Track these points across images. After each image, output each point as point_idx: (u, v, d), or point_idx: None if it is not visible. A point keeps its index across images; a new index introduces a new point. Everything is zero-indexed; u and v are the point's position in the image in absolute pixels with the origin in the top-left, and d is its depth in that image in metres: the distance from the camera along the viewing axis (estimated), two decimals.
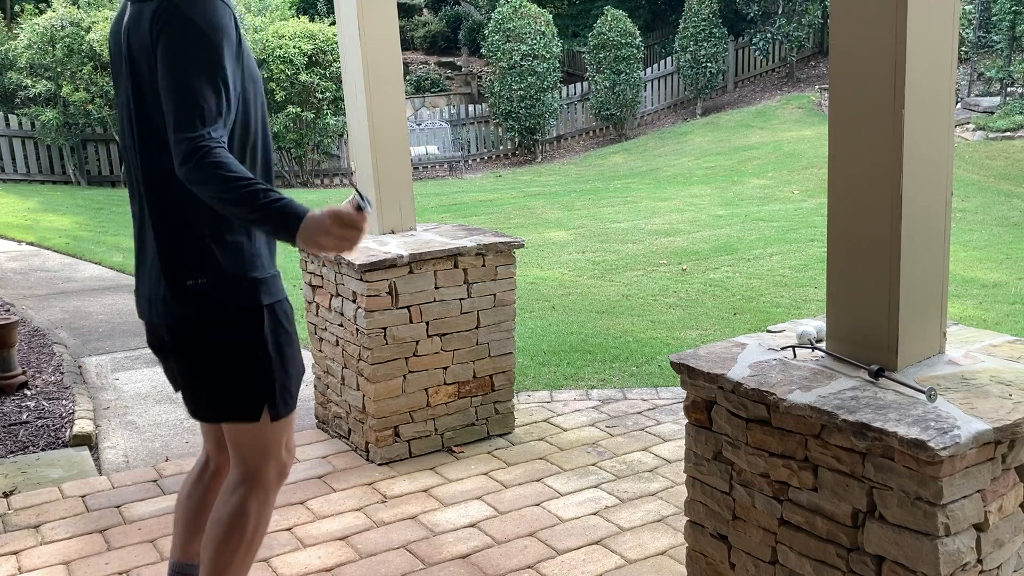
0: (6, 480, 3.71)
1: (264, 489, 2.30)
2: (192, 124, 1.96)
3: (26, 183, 14.30)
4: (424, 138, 17.17)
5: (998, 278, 7.23)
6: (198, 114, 1.97)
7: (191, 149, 1.95)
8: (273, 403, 2.24)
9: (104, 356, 5.45)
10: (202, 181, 1.97)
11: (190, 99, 1.98)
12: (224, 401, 2.24)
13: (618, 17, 18.14)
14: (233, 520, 2.27)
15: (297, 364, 2.32)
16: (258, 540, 2.33)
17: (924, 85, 2.02)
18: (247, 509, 2.27)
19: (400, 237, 3.94)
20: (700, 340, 5.62)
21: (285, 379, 2.26)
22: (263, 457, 2.29)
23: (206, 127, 1.97)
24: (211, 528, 2.30)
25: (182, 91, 1.98)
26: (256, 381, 2.22)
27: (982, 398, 1.96)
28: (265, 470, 2.29)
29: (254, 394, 2.22)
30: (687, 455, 2.39)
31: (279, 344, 2.24)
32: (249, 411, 2.23)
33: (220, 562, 2.28)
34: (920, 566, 1.85)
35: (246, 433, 2.26)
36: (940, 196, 2.13)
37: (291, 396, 2.30)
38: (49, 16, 13.94)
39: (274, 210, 1.96)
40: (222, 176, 1.95)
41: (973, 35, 15.42)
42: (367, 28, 3.80)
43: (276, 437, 2.29)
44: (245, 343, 2.19)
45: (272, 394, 2.23)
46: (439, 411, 3.88)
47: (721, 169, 14.04)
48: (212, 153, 1.95)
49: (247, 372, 2.21)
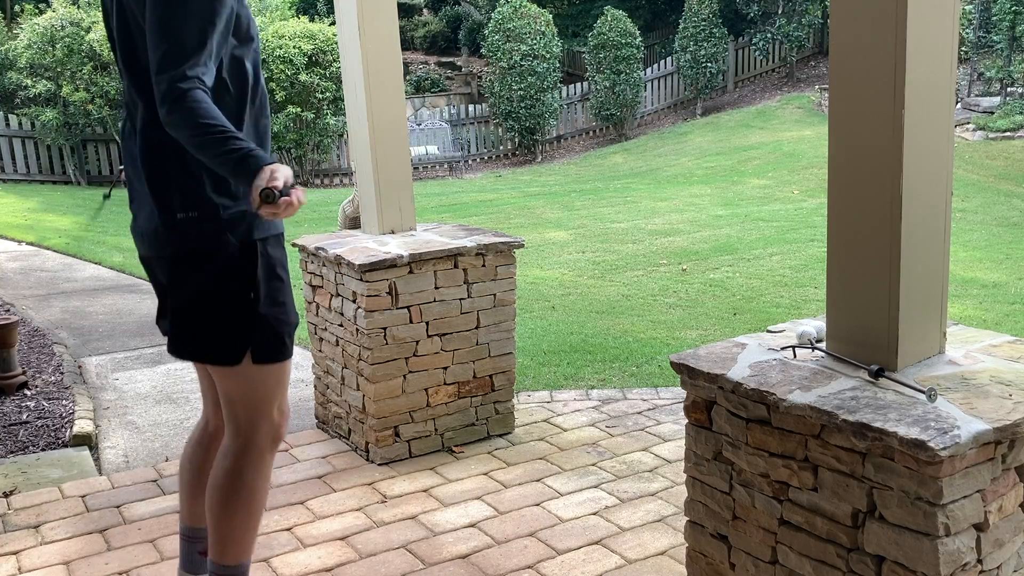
0: (6, 480, 3.71)
1: (258, 451, 2.30)
2: (171, 63, 2.00)
3: (26, 183, 14.31)
4: (424, 138, 17.17)
5: (998, 278, 7.23)
6: (179, 54, 2.01)
7: (168, 89, 2.00)
8: (259, 344, 2.22)
9: (104, 356, 5.45)
10: (176, 123, 2.01)
11: (171, 40, 2.02)
12: (207, 338, 2.23)
13: (618, 17, 18.15)
14: (228, 485, 2.28)
15: (289, 310, 2.30)
16: (258, 503, 2.33)
17: (924, 85, 2.02)
18: (242, 472, 2.28)
19: (400, 237, 3.94)
20: (700, 340, 5.63)
21: (272, 321, 2.25)
22: (255, 413, 2.28)
23: (184, 66, 2.00)
24: (209, 494, 2.31)
25: (164, 33, 2.03)
26: (240, 321, 2.21)
27: (982, 398, 1.96)
28: (257, 430, 2.29)
29: (236, 333, 2.21)
30: (687, 455, 2.39)
31: (270, 285, 2.24)
32: (230, 352, 2.22)
33: (223, 527, 2.30)
34: (920, 566, 1.85)
35: (233, 382, 2.24)
36: (940, 196, 2.13)
37: (281, 342, 2.28)
38: (49, 16, 13.95)
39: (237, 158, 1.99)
40: (194, 120, 1.99)
41: (973, 35, 15.42)
42: (367, 28, 3.80)
43: (266, 391, 2.28)
44: (234, 277, 2.19)
45: (256, 337, 2.22)
46: (439, 411, 3.88)
47: (721, 169, 14.04)
48: (188, 96, 1.99)
49: (234, 308, 2.20)
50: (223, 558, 2.34)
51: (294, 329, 2.34)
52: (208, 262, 2.19)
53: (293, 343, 2.35)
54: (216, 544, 2.33)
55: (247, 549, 2.37)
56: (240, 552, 2.35)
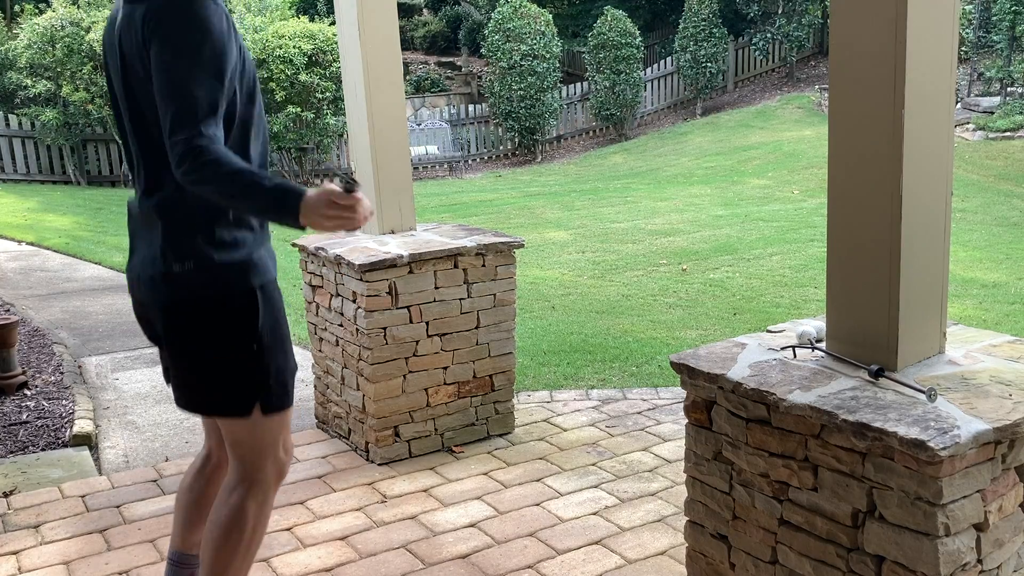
0: (6, 480, 3.71)
1: (262, 490, 2.30)
2: (186, 125, 1.98)
3: (26, 183, 14.30)
4: (424, 138, 17.16)
5: (998, 278, 7.23)
6: (192, 114, 1.99)
7: (186, 150, 1.97)
8: (266, 395, 2.22)
9: (104, 356, 5.45)
10: (200, 181, 1.99)
11: (183, 100, 2.00)
12: (215, 393, 2.23)
13: (618, 17, 18.14)
14: (231, 522, 2.27)
15: (290, 356, 2.30)
16: (257, 540, 2.32)
17: (924, 85, 2.02)
18: (245, 510, 2.27)
19: (400, 237, 3.94)
20: (700, 340, 5.63)
21: (279, 370, 2.24)
22: (260, 456, 2.28)
23: (199, 125, 1.99)
24: (210, 529, 2.30)
25: (175, 93, 2.00)
26: (247, 373, 2.20)
27: (982, 398, 1.96)
28: (263, 470, 2.29)
29: (246, 386, 2.21)
30: (687, 455, 2.39)
31: (275, 332, 2.23)
32: (241, 405, 2.21)
33: (220, 563, 2.28)
34: (920, 566, 1.85)
35: (241, 430, 2.25)
36: (940, 196, 2.13)
37: (285, 390, 2.28)
38: (49, 16, 13.94)
39: (274, 198, 1.99)
40: (220, 174, 1.98)
41: (973, 35, 15.42)
42: (367, 28, 3.80)
43: (272, 435, 2.28)
44: (238, 331, 2.18)
45: (265, 386, 2.22)
46: (439, 411, 3.88)
47: (721, 169, 14.04)
48: (207, 151, 1.97)
49: (238, 364, 2.19)
50: None
51: (295, 373, 2.33)
52: (205, 314, 2.16)
53: (294, 387, 2.34)
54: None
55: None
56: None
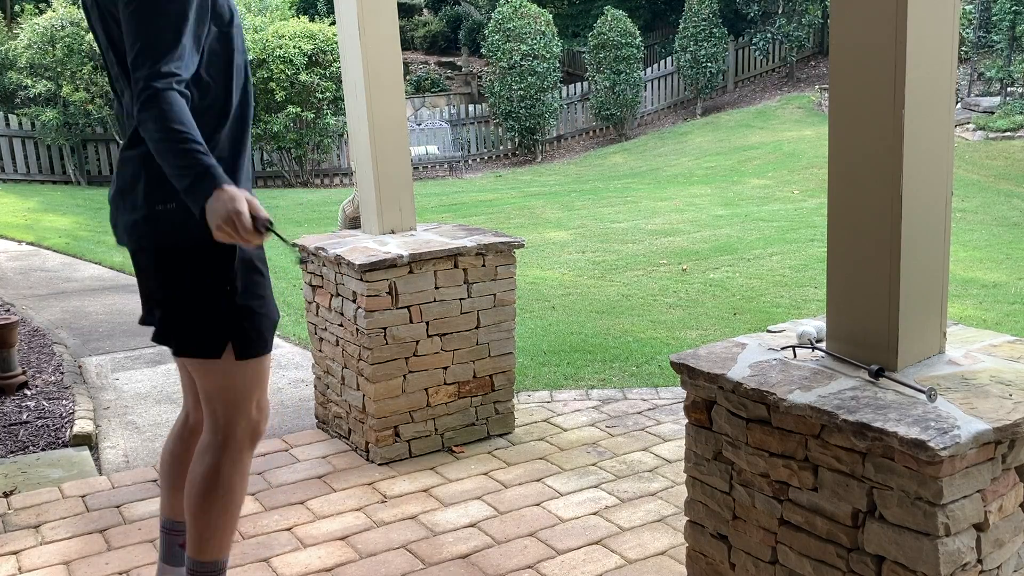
0: (6, 480, 3.71)
1: (236, 448, 2.30)
2: (145, 62, 2.00)
3: (26, 183, 14.31)
4: (424, 138, 17.17)
5: (998, 278, 7.23)
6: (152, 50, 2.01)
7: (143, 88, 1.99)
8: (239, 338, 2.22)
9: (104, 356, 5.45)
10: (145, 122, 2.00)
11: (145, 39, 2.02)
12: (188, 331, 2.23)
13: (618, 17, 18.15)
14: (206, 481, 2.28)
15: (269, 305, 2.30)
16: (236, 500, 2.33)
17: (924, 85, 2.02)
18: (219, 470, 2.28)
19: (400, 237, 3.94)
20: (700, 340, 5.63)
21: (253, 315, 2.25)
22: (233, 411, 2.28)
23: (159, 63, 2.00)
24: (188, 489, 2.32)
25: (138, 30, 2.02)
26: (220, 313, 2.21)
27: (982, 398, 1.96)
28: (235, 427, 2.29)
29: (218, 326, 2.21)
30: (687, 455, 2.39)
31: (250, 278, 2.24)
32: (212, 345, 2.22)
33: (200, 523, 2.30)
34: (920, 566, 1.85)
35: (214, 377, 2.25)
36: (940, 196, 2.13)
37: (260, 336, 2.27)
38: (49, 16, 13.95)
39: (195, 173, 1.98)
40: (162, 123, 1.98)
41: (973, 35, 15.42)
42: (367, 28, 3.80)
43: (245, 388, 2.28)
44: (212, 270, 2.19)
45: (238, 328, 2.22)
46: (439, 411, 3.88)
47: (721, 169, 14.04)
48: (160, 96, 1.98)
49: (211, 301, 2.20)
50: (201, 554, 2.34)
51: (274, 325, 2.33)
52: (185, 255, 2.19)
53: (273, 339, 2.34)
54: (194, 540, 2.33)
55: (225, 545, 2.37)
56: (218, 548, 2.35)
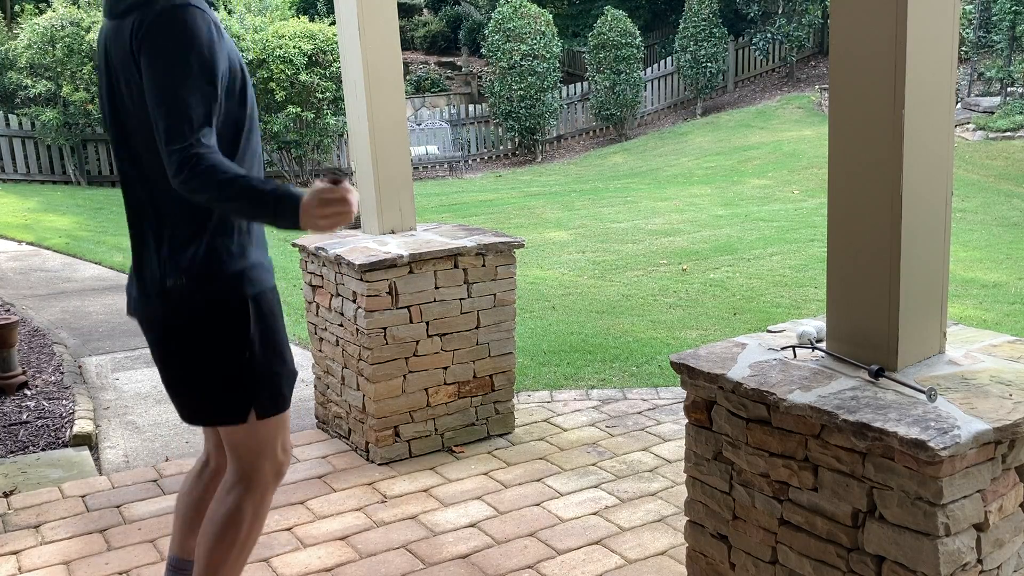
0: (6, 480, 3.71)
1: (260, 489, 2.30)
2: (181, 135, 2.00)
3: (26, 183, 14.30)
4: (424, 138, 17.16)
5: (998, 278, 7.23)
6: (186, 124, 2.00)
7: (182, 159, 1.99)
8: (260, 402, 2.23)
9: (104, 356, 5.45)
10: (198, 188, 2.00)
11: (177, 111, 2.01)
12: (210, 404, 2.24)
13: (618, 17, 18.14)
14: (228, 520, 2.27)
15: (287, 361, 2.30)
16: (252, 540, 2.33)
17: (924, 85, 2.02)
18: (243, 509, 2.28)
19: (400, 237, 3.94)
20: (700, 340, 5.62)
21: (273, 376, 2.25)
22: (258, 457, 2.29)
23: (195, 135, 2.00)
24: (206, 526, 2.31)
25: (168, 103, 2.01)
26: (241, 380, 2.21)
27: (982, 398, 1.96)
28: (260, 470, 2.29)
29: (239, 394, 2.21)
30: (687, 455, 2.39)
31: (266, 339, 2.23)
32: (235, 412, 2.22)
33: (214, 560, 2.29)
34: (920, 566, 1.85)
35: (239, 433, 2.25)
36: (940, 196, 2.13)
37: (280, 395, 2.28)
38: (49, 16, 13.94)
39: (272, 202, 1.99)
40: (217, 180, 1.98)
41: (973, 35, 15.41)
42: (367, 28, 3.80)
43: (270, 437, 2.29)
44: (230, 342, 2.18)
45: (258, 393, 2.22)
46: (439, 411, 3.88)
47: (721, 169, 14.04)
48: (203, 159, 1.99)
49: (232, 371, 2.20)
50: None
51: (294, 380, 2.33)
52: (199, 328, 2.17)
53: (292, 392, 2.34)
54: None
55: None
56: None
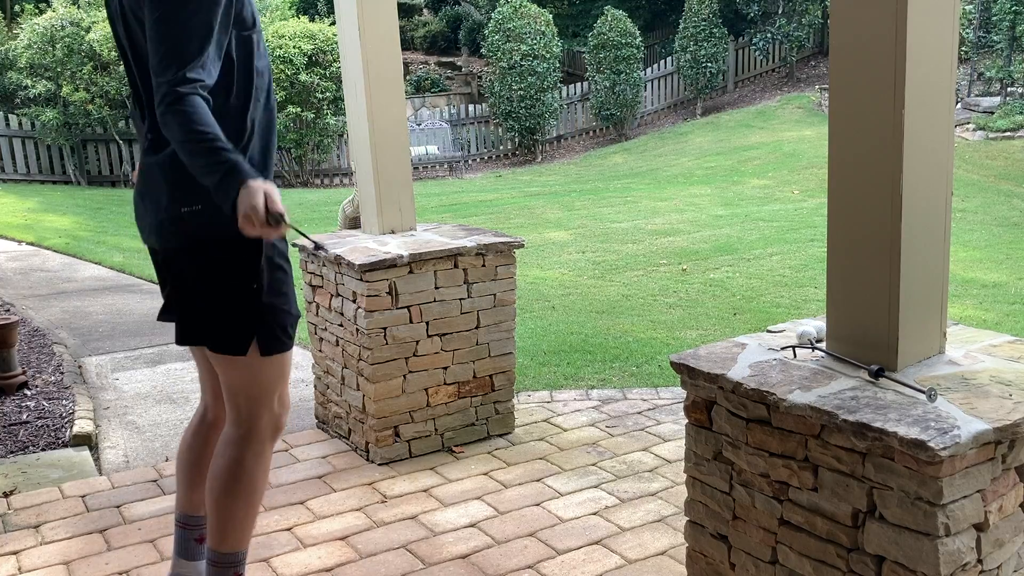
0: (6, 480, 3.71)
1: (259, 440, 2.33)
2: (169, 68, 2.03)
3: (26, 183, 14.31)
4: (424, 138, 17.17)
5: (998, 278, 7.23)
6: (176, 57, 2.04)
7: (166, 92, 2.03)
8: (264, 334, 2.26)
9: (104, 356, 5.45)
10: (169, 126, 2.04)
11: (169, 43, 2.05)
12: (213, 329, 2.26)
13: (618, 17, 18.15)
14: (229, 473, 2.31)
15: (292, 302, 2.34)
16: (258, 492, 2.36)
17: (924, 85, 2.02)
18: (243, 461, 2.31)
19: (400, 237, 3.94)
20: (700, 340, 5.62)
21: (277, 312, 2.28)
22: (257, 405, 2.31)
23: (183, 69, 2.03)
24: (210, 482, 2.35)
25: (162, 37, 2.05)
26: (246, 311, 2.24)
27: (982, 398, 1.96)
28: (259, 420, 2.32)
29: (244, 323, 2.24)
30: (687, 455, 2.39)
31: (273, 275, 2.27)
32: (238, 341, 2.25)
33: (222, 515, 2.33)
34: (920, 566, 1.85)
35: (238, 372, 2.28)
36: (940, 196, 2.13)
37: (284, 333, 2.31)
38: (49, 16, 13.95)
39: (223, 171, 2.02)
40: (186, 125, 2.01)
41: (973, 35, 15.42)
42: (367, 28, 3.80)
43: (268, 383, 2.31)
44: (239, 270, 2.23)
45: (262, 325, 2.25)
46: (439, 411, 3.88)
47: (721, 169, 14.04)
48: (183, 100, 2.02)
49: (238, 298, 2.24)
50: (222, 545, 2.38)
51: (296, 321, 2.38)
52: (212, 254, 2.22)
53: (295, 335, 2.38)
54: (215, 531, 2.36)
55: (245, 537, 2.40)
56: (238, 540, 2.39)
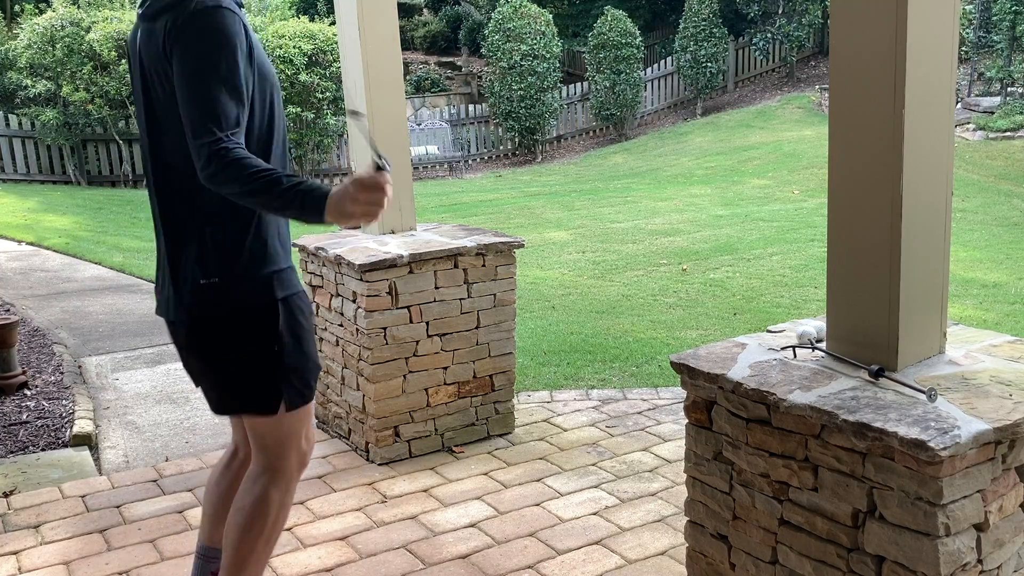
0: (6, 480, 3.71)
1: (285, 478, 2.36)
2: (210, 130, 2.03)
3: (26, 183, 14.30)
4: (424, 138, 17.16)
5: (998, 278, 7.23)
6: (215, 120, 2.04)
7: (210, 153, 2.02)
8: (289, 395, 2.29)
9: (104, 356, 5.45)
10: (225, 181, 2.04)
11: (207, 107, 2.04)
12: (240, 396, 2.29)
13: (618, 17, 18.14)
14: (255, 509, 2.33)
15: (313, 355, 2.37)
16: (279, 528, 2.39)
17: (924, 85, 2.02)
18: (268, 498, 2.33)
19: (400, 237, 3.94)
20: (700, 340, 5.62)
21: (300, 370, 2.31)
22: (283, 447, 2.35)
23: (224, 131, 2.04)
24: (233, 516, 2.36)
25: (199, 99, 2.05)
26: (270, 375, 2.26)
27: (982, 398, 1.96)
28: (286, 460, 2.35)
29: (269, 388, 2.27)
30: (687, 455, 2.39)
31: (295, 336, 2.29)
32: (264, 404, 2.28)
33: (242, 549, 2.34)
34: (920, 566, 1.85)
35: (265, 425, 2.31)
36: (940, 196, 2.13)
37: (307, 387, 2.35)
38: (49, 16, 13.94)
39: (298, 193, 2.02)
40: (244, 173, 2.02)
41: (973, 35, 15.42)
42: (367, 28, 3.80)
43: (294, 428, 2.35)
44: (260, 338, 2.24)
45: (287, 387, 2.28)
46: (439, 411, 3.88)
47: (721, 169, 14.04)
48: (231, 153, 2.03)
49: (261, 366, 2.25)
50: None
51: (318, 371, 2.40)
52: (230, 325, 2.22)
53: (316, 384, 2.41)
54: (230, 566, 2.37)
55: (259, 572, 2.41)
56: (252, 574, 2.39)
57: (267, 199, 2.04)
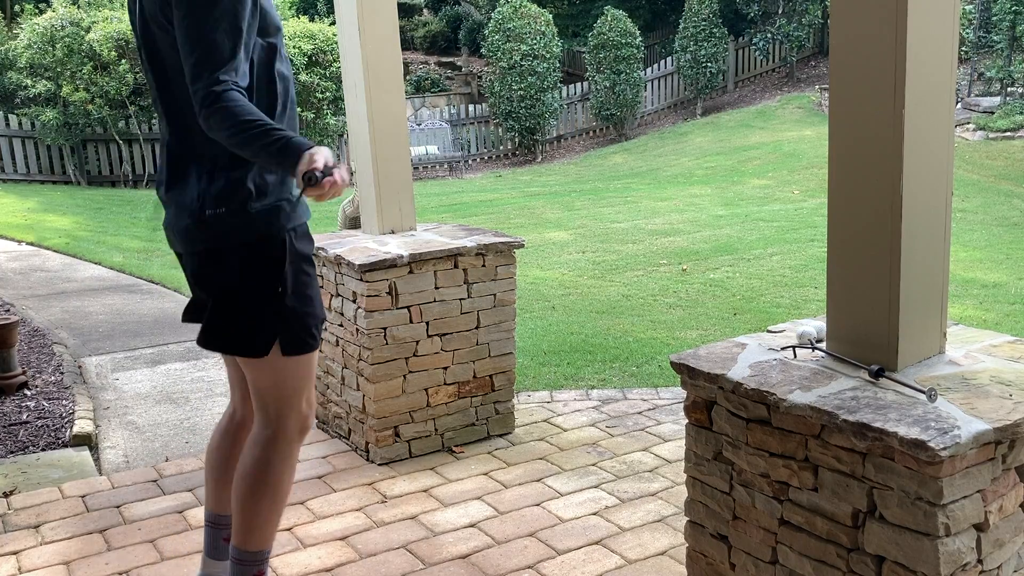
0: (6, 480, 3.71)
1: (286, 440, 2.36)
2: (205, 72, 2.08)
3: (26, 183, 14.30)
4: (424, 138, 17.17)
5: (998, 278, 7.23)
6: (211, 61, 2.09)
7: (205, 96, 2.07)
8: (286, 336, 2.29)
9: (104, 356, 5.45)
10: (215, 126, 2.08)
11: (202, 49, 2.09)
12: (236, 332, 2.29)
13: (618, 17, 18.15)
14: (257, 473, 2.34)
15: (317, 302, 2.37)
16: (283, 492, 2.39)
17: (924, 85, 2.02)
18: (270, 461, 2.34)
19: (400, 237, 3.94)
20: (700, 340, 5.62)
21: (300, 315, 2.31)
22: (284, 405, 2.34)
23: (218, 72, 2.08)
24: (237, 482, 2.38)
25: (195, 42, 2.10)
26: (269, 312, 2.27)
27: (982, 398, 1.96)
28: (286, 420, 2.35)
29: (266, 326, 2.27)
30: (687, 455, 2.39)
31: (298, 278, 2.30)
32: (259, 344, 2.28)
33: (248, 514, 2.36)
34: (920, 566, 1.85)
35: (264, 374, 2.31)
36: (940, 196, 2.13)
37: (309, 334, 2.34)
38: (49, 16, 13.95)
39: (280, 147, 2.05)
40: (232, 119, 2.06)
41: (973, 35, 15.42)
42: (367, 28, 3.80)
43: (294, 383, 2.34)
44: (264, 271, 2.26)
45: (285, 326, 2.28)
46: (439, 411, 3.88)
47: (721, 169, 14.04)
48: (223, 97, 2.07)
49: (262, 302, 2.26)
50: (246, 544, 2.40)
51: (321, 322, 2.40)
52: (237, 257, 2.25)
53: (320, 336, 2.41)
54: (240, 530, 2.39)
55: (270, 536, 2.43)
56: (263, 539, 2.41)
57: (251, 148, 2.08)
